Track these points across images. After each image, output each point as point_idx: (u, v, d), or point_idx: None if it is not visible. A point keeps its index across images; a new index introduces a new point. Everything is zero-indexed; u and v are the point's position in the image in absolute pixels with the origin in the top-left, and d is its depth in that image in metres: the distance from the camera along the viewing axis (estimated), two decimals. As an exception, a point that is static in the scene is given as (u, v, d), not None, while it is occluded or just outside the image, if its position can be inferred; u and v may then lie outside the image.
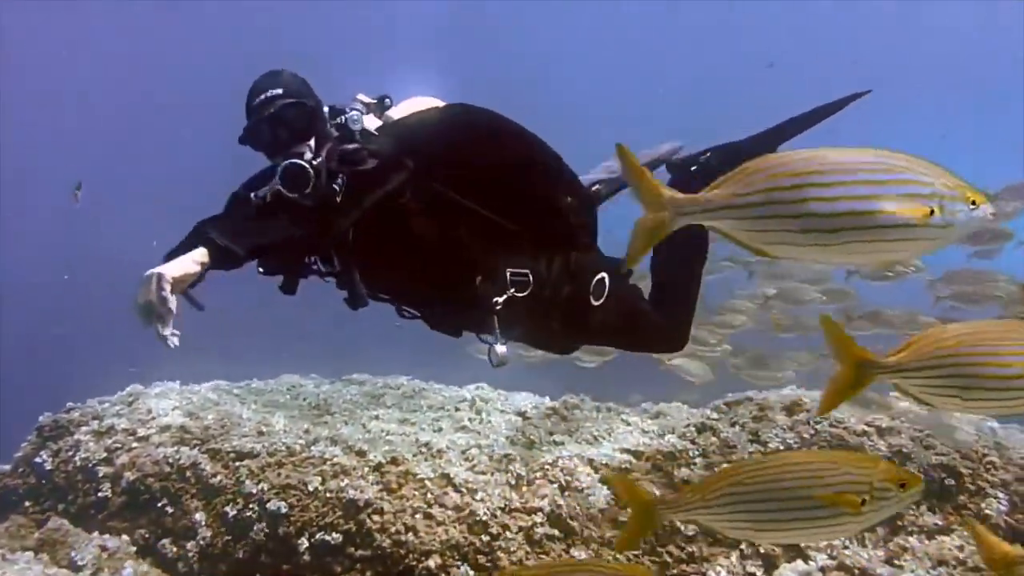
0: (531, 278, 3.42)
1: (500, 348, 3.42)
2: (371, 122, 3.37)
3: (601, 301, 3.61)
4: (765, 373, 7.27)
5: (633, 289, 3.82)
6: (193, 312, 2.98)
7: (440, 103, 3.62)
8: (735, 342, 7.78)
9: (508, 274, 3.38)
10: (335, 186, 3.10)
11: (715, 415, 5.58)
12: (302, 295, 3.54)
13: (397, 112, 3.50)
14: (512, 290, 3.37)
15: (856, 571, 4.31)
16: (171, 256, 3.49)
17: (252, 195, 3.20)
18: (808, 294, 7.36)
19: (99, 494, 4.92)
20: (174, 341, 2.96)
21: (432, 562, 4.45)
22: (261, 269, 3.31)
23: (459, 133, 3.38)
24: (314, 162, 3.12)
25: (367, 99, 3.44)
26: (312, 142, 3.20)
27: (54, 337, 15.60)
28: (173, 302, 2.70)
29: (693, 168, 4.02)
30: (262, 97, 3.20)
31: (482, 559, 4.47)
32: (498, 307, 3.36)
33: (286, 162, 3.09)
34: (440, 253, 3.32)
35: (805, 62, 20.90)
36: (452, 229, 3.30)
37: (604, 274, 3.60)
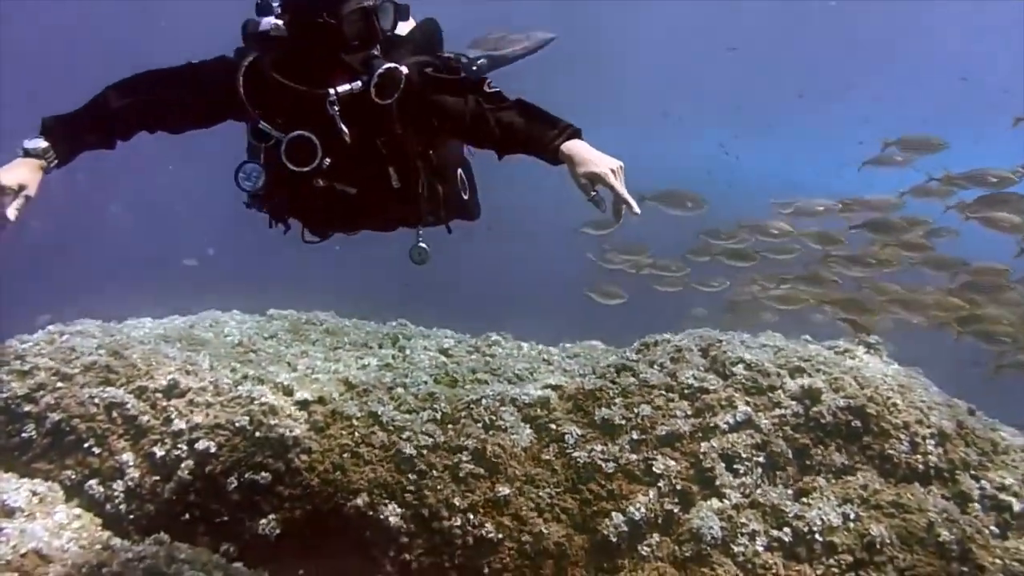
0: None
1: (423, 245, 3.78)
2: None
3: (468, 195, 3.94)
4: None
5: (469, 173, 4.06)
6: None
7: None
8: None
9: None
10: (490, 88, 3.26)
11: (634, 356, 5.71)
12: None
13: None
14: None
15: (768, 507, 4.52)
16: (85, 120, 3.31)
17: (331, 90, 3.10)
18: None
19: (23, 435, 4.83)
20: None
21: (360, 500, 4.55)
22: None
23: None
24: (404, 69, 3.19)
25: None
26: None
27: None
28: None
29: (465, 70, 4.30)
30: None
31: (409, 497, 4.58)
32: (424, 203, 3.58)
33: (389, 66, 3.13)
34: (408, 158, 3.46)
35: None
36: (424, 136, 3.46)
37: (460, 169, 3.92)
